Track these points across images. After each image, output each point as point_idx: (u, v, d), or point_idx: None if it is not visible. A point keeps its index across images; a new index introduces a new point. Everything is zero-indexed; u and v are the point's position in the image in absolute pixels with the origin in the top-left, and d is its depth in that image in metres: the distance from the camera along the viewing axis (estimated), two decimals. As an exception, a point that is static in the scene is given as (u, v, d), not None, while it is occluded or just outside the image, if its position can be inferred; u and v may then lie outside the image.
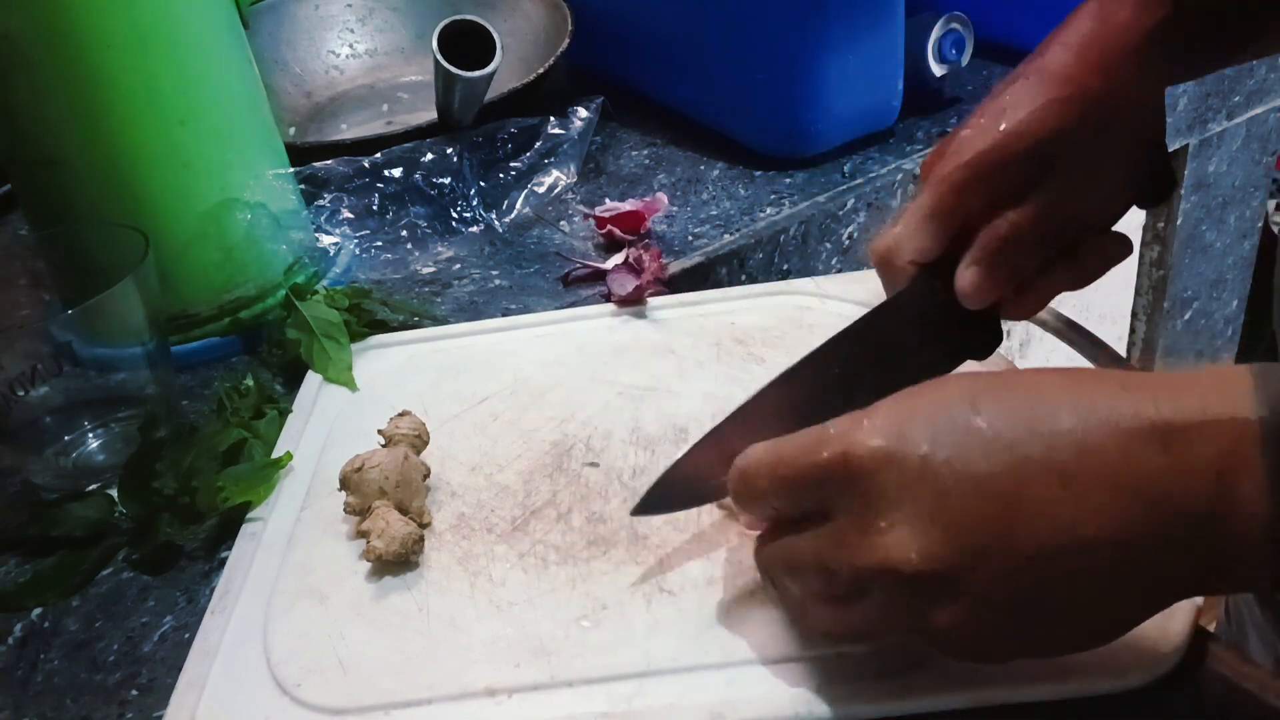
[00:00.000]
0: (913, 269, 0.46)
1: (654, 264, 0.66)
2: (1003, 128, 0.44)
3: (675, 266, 0.71)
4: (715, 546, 0.46)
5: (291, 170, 0.72)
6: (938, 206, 0.45)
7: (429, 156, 0.78)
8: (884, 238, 0.47)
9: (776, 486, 0.36)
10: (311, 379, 0.62)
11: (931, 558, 0.32)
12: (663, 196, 0.76)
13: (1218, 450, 0.30)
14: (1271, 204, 1.58)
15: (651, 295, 0.65)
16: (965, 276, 0.45)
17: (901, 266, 0.46)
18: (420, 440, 0.53)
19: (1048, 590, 0.32)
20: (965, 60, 0.87)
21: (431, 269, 0.76)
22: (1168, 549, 0.31)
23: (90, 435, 0.59)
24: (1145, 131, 0.46)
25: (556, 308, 0.67)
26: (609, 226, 0.74)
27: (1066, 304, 0.54)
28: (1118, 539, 0.31)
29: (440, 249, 0.77)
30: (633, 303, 0.64)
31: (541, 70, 0.85)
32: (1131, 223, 1.05)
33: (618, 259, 0.69)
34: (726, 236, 0.75)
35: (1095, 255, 0.47)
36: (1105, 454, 0.31)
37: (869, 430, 0.34)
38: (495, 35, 0.78)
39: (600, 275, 0.69)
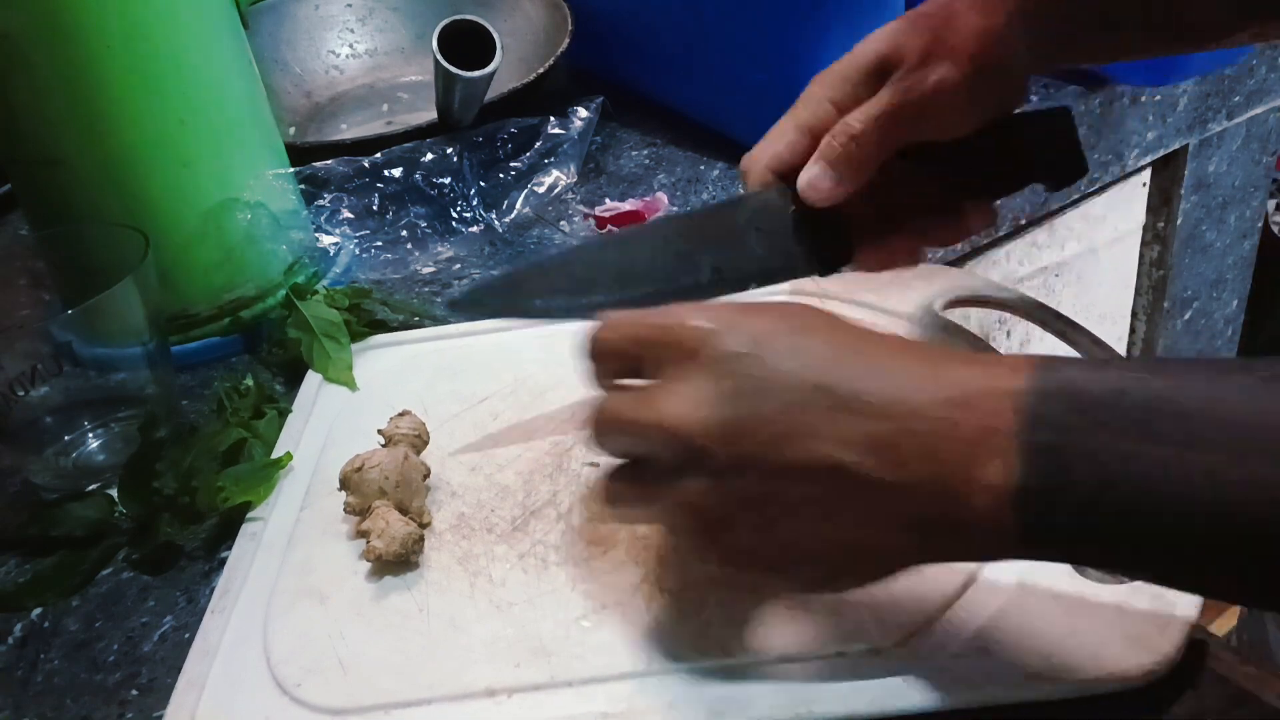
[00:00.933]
0: (770, 176, 0.50)
1: None
2: (853, 48, 0.50)
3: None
4: (715, 546, 0.46)
5: (291, 170, 0.72)
6: (793, 116, 0.50)
7: (429, 156, 0.77)
8: (750, 152, 0.51)
9: (623, 340, 0.39)
10: (311, 379, 0.62)
11: (703, 427, 0.35)
12: (662, 196, 0.76)
13: (984, 420, 0.33)
14: (1271, 204, 1.58)
15: None
16: (806, 173, 0.49)
17: (760, 173, 0.51)
18: (420, 440, 0.53)
19: (779, 501, 0.35)
20: (965, 60, 0.87)
21: (431, 269, 0.76)
22: (907, 499, 0.34)
23: (90, 435, 0.59)
24: (987, 50, 0.48)
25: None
26: (609, 226, 0.74)
27: (1066, 303, 0.54)
28: (859, 473, 0.34)
29: (440, 249, 0.77)
30: None
31: (541, 70, 0.85)
32: (1131, 223, 1.06)
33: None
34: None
35: (957, 220, 0.51)
36: (891, 399, 0.34)
37: (706, 315, 0.38)
38: (495, 35, 0.78)
39: None
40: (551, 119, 0.82)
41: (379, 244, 0.76)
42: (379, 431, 0.53)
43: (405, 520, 0.47)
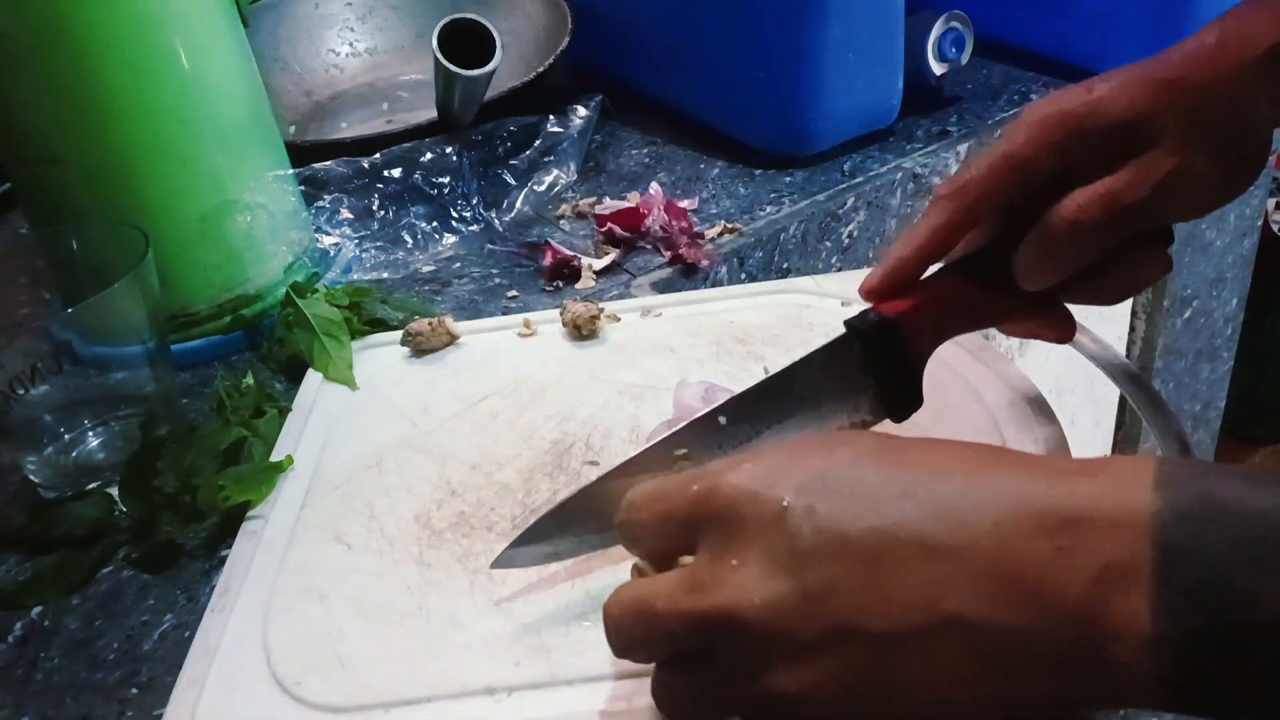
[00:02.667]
0: (980, 210, 0.43)
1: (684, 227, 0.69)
2: (1092, 93, 0.41)
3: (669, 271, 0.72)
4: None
5: (292, 171, 0.72)
6: (1011, 155, 0.42)
7: (429, 156, 0.78)
8: (957, 178, 0.44)
9: (655, 519, 0.35)
10: (311, 377, 0.62)
11: (774, 606, 0.30)
12: (659, 194, 0.76)
13: (1103, 549, 0.28)
14: (1271, 203, 1.58)
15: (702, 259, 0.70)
16: (1026, 255, 0.42)
17: (971, 205, 0.43)
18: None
19: (892, 671, 0.30)
20: (965, 59, 0.87)
21: (431, 268, 0.76)
22: (1032, 644, 0.28)
23: (90, 434, 0.59)
24: (1245, 139, 0.42)
25: (556, 306, 0.67)
26: (609, 224, 0.74)
27: (1066, 304, 0.53)
28: (974, 622, 0.29)
29: (440, 248, 0.77)
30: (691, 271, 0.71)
31: (541, 69, 0.85)
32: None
33: (603, 261, 0.71)
34: (726, 235, 0.75)
35: (1127, 270, 0.44)
36: (981, 530, 0.29)
37: (740, 470, 0.33)
38: (495, 34, 0.78)
39: (575, 269, 0.72)
40: (551, 117, 0.82)
41: (379, 244, 0.76)
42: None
43: None
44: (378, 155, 0.77)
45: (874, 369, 0.44)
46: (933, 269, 0.45)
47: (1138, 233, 0.43)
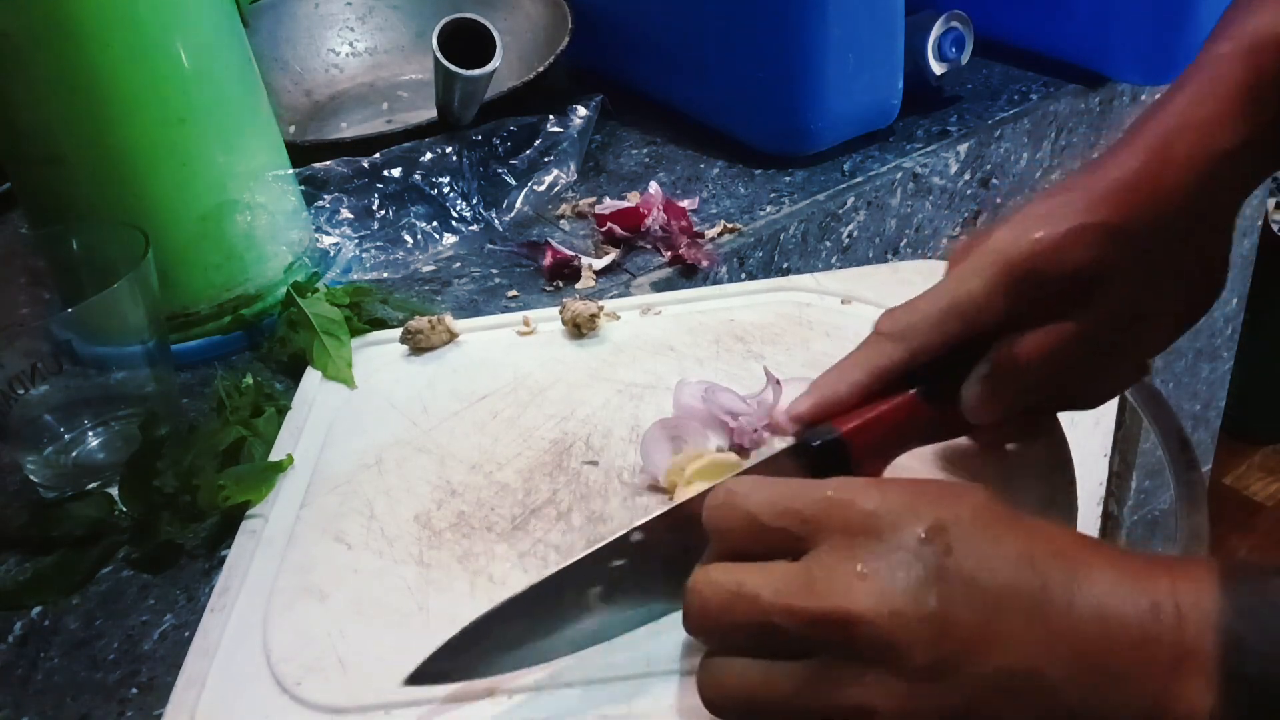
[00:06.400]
0: (922, 356, 0.42)
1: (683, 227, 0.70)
2: (1042, 240, 0.40)
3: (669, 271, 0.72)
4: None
5: (292, 171, 0.72)
6: (959, 303, 0.41)
7: (428, 155, 0.78)
8: (901, 314, 0.43)
9: (772, 514, 0.34)
10: (311, 376, 0.62)
11: (900, 621, 0.31)
12: (659, 194, 0.76)
13: (1180, 633, 0.30)
14: (1271, 203, 1.58)
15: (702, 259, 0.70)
16: (972, 391, 0.42)
17: (915, 351, 0.42)
18: None
19: (979, 714, 0.31)
20: (965, 59, 0.87)
21: (431, 267, 0.76)
22: (1107, 717, 0.31)
23: (90, 434, 0.59)
24: (1204, 261, 0.42)
25: (556, 305, 0.67)
26: (609, 224, 0.74)
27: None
28: (1063, 690, 0.31)
29: (440, 247, 0.77)
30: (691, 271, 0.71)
31: (541, 69, 0.85)
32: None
33: (603, 261, 0.71)
34: (726, 235, 0.75)
35: (1107, 379, 0.44)
36: (1087, 613, 0.31)
37: (882, 492, 0.33)
38: (495, 34, 0.78)
39: (575, 268, 0.71)
40: (551, 117, 0.82)
41: (379, 244, 0.76)
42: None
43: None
44: (378, 155, 0.77)
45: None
46: None
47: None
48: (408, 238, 0.77)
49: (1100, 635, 0.31)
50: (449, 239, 0.77)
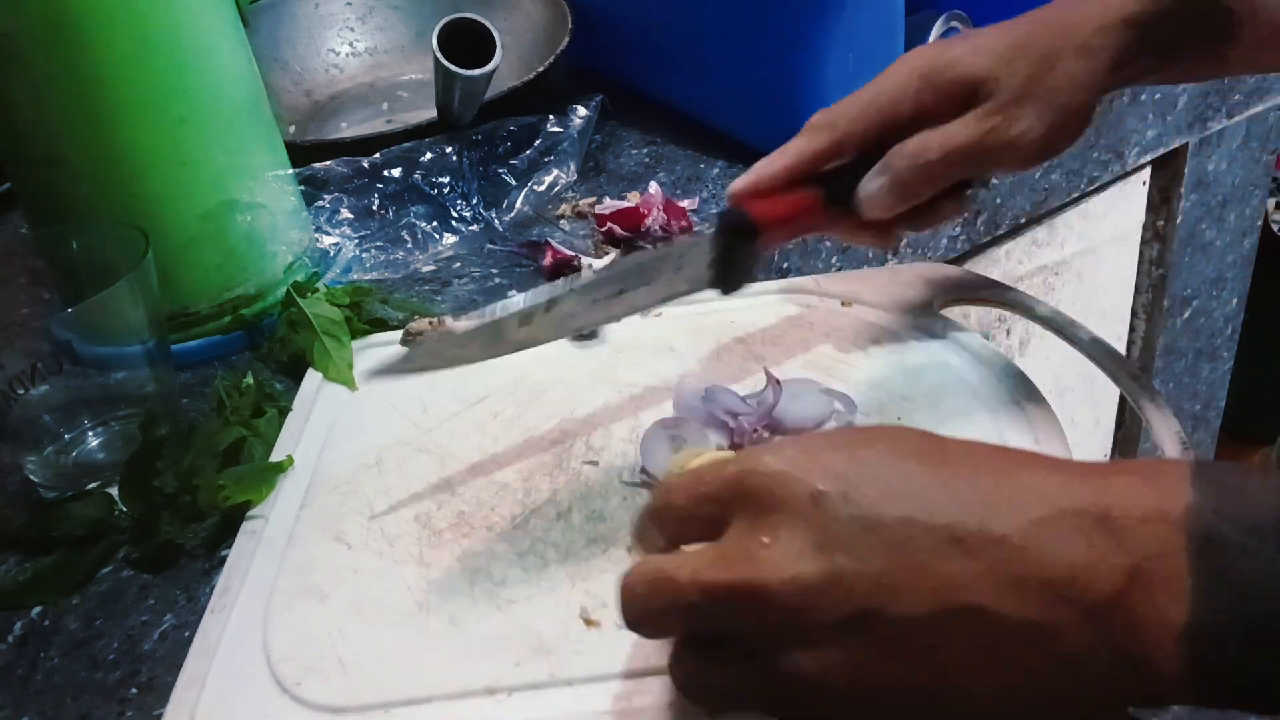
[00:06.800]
0: (847, 141, 0.49)
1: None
2: (951, 49, 0.48)
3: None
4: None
5: (292, 171, 0.72)
6: (878, 96, 0.49)
7: (428, 155, 0.78)
8: (830, 110, 0.50)
9: (692, 502, 0.35)
10: (311, 377, 0.62)
11: (801, 584, 0.30)
12: (659, 194, 0.76)
13: (1138, 545, 0.28)
14: (1271, 202, 1.58)
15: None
16: (868, 185, 0.49)
17: (840, 137, 0.50)
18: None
19: (908, 658, 0.30)
20: (965, 59, 0.87)
21: (431, 267, 0.76)
22: (1057, 639, 0.29)
23: (90, 434, 0.59)
24: (1070, 105, 0.47)
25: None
26: (609, 224, 0.74)
27: (1066, 302, 0.54)
28: (997, 615, 0.29)
29: (440, 248, 0.77)
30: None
31: (541, 69, 0.85)
32: (1131, 221, 1.06)
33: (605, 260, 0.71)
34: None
35: (933, 206, 0.50)
36: (1014, 526, 0.29)
37: (779, 454, 0.33)
38: (495, 33, 0.78)
39: (575, 268, 0.71)
40: (551, 117, 0.82)
41: (379, 244, 0.76)
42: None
43: None
44: (378, 155, 0.77)
45: (728, 253, 0.50)
46: None
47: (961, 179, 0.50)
48: (408, 238, 0.77)
49: (1024, 552, 0.29)
50: (449, 239, 0.77)
